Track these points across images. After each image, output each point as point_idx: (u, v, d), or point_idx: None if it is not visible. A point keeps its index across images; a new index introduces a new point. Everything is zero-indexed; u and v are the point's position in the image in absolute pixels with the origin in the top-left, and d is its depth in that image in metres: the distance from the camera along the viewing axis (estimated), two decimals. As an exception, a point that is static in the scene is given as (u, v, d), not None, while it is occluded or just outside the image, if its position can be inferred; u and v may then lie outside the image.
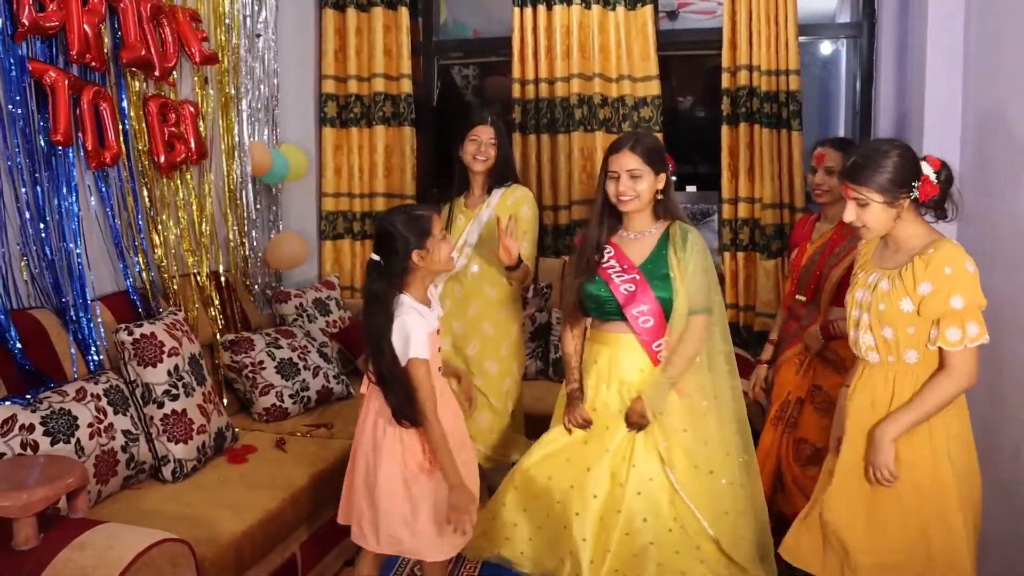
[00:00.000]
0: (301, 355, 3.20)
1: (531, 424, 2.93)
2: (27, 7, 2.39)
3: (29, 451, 2.11)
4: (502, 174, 2.85)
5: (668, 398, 2.19)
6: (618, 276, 2.24)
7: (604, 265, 2.27)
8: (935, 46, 2.85)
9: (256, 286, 3.64)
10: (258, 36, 3.74)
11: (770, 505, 2.40)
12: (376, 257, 2.10)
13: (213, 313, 3.19)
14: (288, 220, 4.03)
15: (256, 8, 3.70)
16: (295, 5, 3.96)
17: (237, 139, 3.50)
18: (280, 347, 3.17)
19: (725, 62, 3.69)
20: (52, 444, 2.16)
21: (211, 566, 2.01)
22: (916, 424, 1.86)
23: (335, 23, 4.04)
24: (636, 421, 2.19)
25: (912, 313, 1.85)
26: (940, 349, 1.84)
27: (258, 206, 3.74)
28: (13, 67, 2.40)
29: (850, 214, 1.92)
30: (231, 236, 3.48)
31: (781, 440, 2.64)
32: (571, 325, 2.41)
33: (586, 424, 2.27)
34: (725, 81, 3.71)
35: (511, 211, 2.76)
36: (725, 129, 3.73)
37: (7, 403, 2.15)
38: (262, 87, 3.75)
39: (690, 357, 2.20)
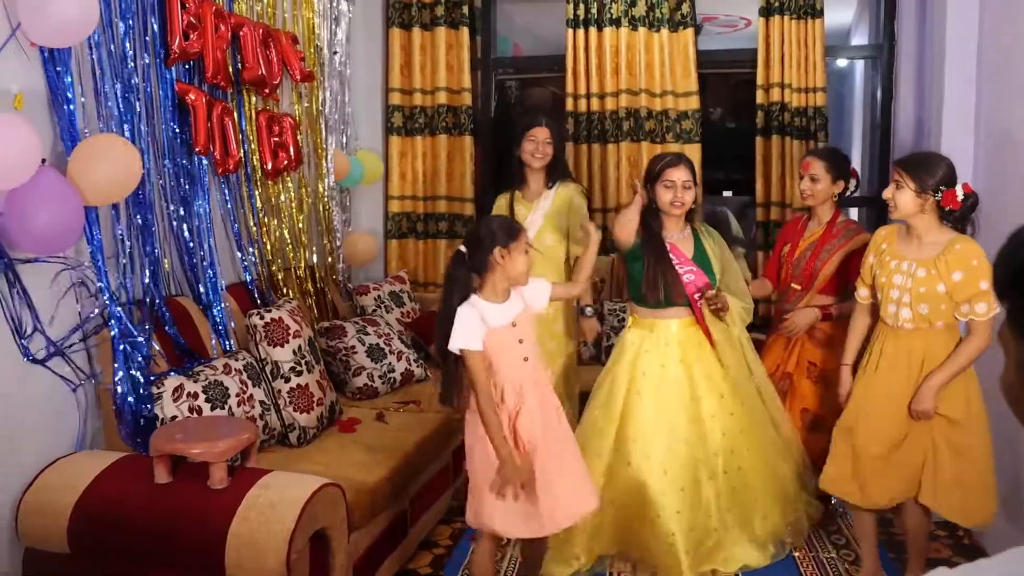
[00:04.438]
0: (386, 341, 3.59)
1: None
2: (178, 37, 2.78)
3: (195, 415, 2.50)
4: (558, 170, 3.23)
5: None
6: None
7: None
8: (952, 67, 3.24)
9: (339, 280, 4.03)
10: (334, 53, 4.13)
11: None
12: (463, 249, 2.29)
13: (310, 303, 3.58)
14: (358, 221, 4.42)
15: (333, 28, 4.10)
16: (365, 24, 4.35)
17: (323, 148, 3.89)
18: (368, 334, 3.55)
19: (759, 80, 4.09)
20: (212, 409, 2.54)
21: (354, 508, 2.39)
22: (954, 377, 2.40)
23: (401, 41, 4.44)
24: None
25: (945, 294, 2.38)
26: (968, 320, 2.38)
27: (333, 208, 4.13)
28: (166, 88, 2.79)
29: (889, 191, 2.47)
30: (323, 235, 3.88)
31: None
32: None
33: None
34: (759, 97, 4.11)
35: (567, 200, 3.14)
36: (759, 140, 4.13)
37: (173, 374, 2.55)
38: (338, 99, 4.14)
39: None
